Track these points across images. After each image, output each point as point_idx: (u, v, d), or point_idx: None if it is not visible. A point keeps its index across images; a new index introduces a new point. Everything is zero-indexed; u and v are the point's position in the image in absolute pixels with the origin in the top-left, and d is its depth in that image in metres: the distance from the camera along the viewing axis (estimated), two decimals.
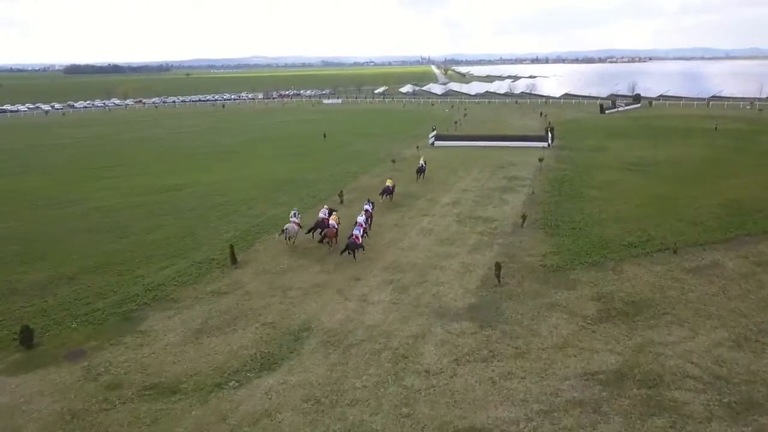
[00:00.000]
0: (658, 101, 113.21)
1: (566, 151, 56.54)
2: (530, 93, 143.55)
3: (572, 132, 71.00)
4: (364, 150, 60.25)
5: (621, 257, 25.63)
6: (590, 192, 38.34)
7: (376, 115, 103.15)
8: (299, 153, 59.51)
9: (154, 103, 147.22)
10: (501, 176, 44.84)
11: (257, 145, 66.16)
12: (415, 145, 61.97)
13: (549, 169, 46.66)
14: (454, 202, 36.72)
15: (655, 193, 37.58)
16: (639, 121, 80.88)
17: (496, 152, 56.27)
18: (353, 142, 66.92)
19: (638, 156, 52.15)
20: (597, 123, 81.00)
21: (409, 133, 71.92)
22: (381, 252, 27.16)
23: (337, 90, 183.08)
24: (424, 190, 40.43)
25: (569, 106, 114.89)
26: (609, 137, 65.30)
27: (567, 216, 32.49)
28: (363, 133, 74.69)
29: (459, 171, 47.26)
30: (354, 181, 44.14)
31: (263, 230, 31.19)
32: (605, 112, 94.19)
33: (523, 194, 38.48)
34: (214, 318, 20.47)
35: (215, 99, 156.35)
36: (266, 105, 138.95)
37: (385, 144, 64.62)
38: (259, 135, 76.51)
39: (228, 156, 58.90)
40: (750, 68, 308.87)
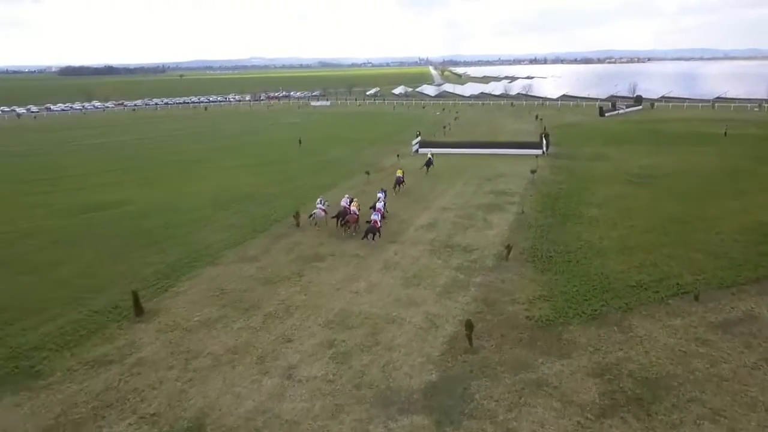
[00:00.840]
0: (660, 103, 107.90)
1: (562, 159, 51.17)
2: (526, 94, 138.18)
3: (569, 137, 65.64)
4: (340, 158, 54.86)
5: (628, 304, 20.26)
6: (589, 211, 32.93)
7: (362, 118, 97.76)
8: (269, 162, 54.09)
9: (135, 106, 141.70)
10: (488, 190, 39.43)
11: (226, 153, 60.69)
12: (398, 152, 56.62)
13: (543, 182, 41.30)
14: (431, 225, 31.29)
15: (666, 212, 32.17)
16: (641, 125, 75.51)
17: (485, 161, 50.98)
18: (330, 148, 61.52)
19: (643, 166, 46.79)
20: (596, 127, 75.65)
21: (394, 139, 66.52)
22: (329, 296, 21.74)
23: (327, 91, 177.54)
24: (399, 208, 35.03)
25: (567, 108, 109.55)
26: (609, 143, 59.95)
27: (561, 243, 27.09)
28: (344, 139, 69.30)
29: (441, 183, 41.85)
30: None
31: (195, 262, 25.74)
32: (605, 115, 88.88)
33: (511, 214, 33.07)
34: (79, 407, 15.03)
35: (198, 101, 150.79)
36: (251, 107, 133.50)
37: (365, 151, 59.27)
38: (232, 141, 71.03)
39: (189, 166, 53.43)
40: (750, 68, 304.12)
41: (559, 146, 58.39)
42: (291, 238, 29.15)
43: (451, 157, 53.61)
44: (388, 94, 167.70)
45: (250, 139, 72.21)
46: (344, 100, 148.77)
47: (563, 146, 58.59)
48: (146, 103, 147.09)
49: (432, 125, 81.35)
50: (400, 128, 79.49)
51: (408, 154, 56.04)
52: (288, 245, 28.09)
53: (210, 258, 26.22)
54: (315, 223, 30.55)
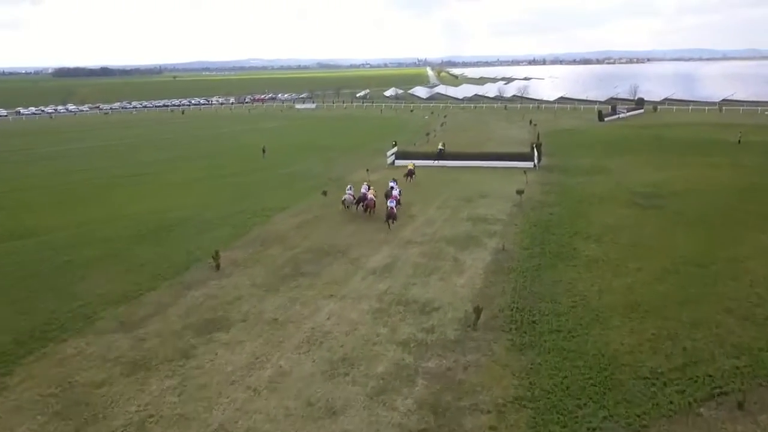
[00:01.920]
0: (663, 106, 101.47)
1: (556, 173, 44.69)
2: (522, 96, 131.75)
3: (565, 146, 59.17)
4: (303, 172, 48.39)
5: (642, 418, 13.75)
6: (586, 248, 26.47)
7: (344, 123, 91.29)
8: (223, 175, 47.62)
9: (111, 109, 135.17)
10: (465, 216, 32.94)
11: (178, 165, 54.20)
12: (372, 164, 50.24)
13: (531, 205, 34.81)
14: (386, 268, 24.79)
15: (680, 250, 25.74)
16: (645, 131, 69.02)
17: (467, 176, 44.55)
18: (298, 159, 55.03)
19: (648, 182, 40.36)
20: (595, 133, 69.15)
21: (371, 147, 60.02)
22: (212, 399, 15.25)
23: (315, 94, 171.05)
24: (355, 240, 28.55)
25: (564, 112, 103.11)
26: (610, 153, 53.49)
27: (549, 299, 20.73)
28: (316, 147, 62.79)
29: (412, 206, 35.31)
30: (262, 225, 32.17)
31: (58, 330, 19.19)
32: (604, 120, 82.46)
33: (488, 251, 26.61)
34: None
35: (179, 104, 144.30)
36: (231, 111, 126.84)
37: (335, 162, 52.81)
38: (192, 150, 64.52)
39: (132, 181, 46.93)
40: (749, 69, 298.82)
41: (553, 157, 51.97)
42: (202, 289, 22.67)
43: (430, 170, 47.21)
44: (379, 96, 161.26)
45: (213, 148, 65.61)
46: (331, 102, 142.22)
47: (558, 157, 52.16)
48: (123, 106, 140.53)
49: (416, 131, 74.92)
50: (382, 134, 72.97)
51: (382, 166, 49.55)
52: (194, 301, 21.59)
53: (81, 323, 19.75)
54: (347, 207, 34.47)
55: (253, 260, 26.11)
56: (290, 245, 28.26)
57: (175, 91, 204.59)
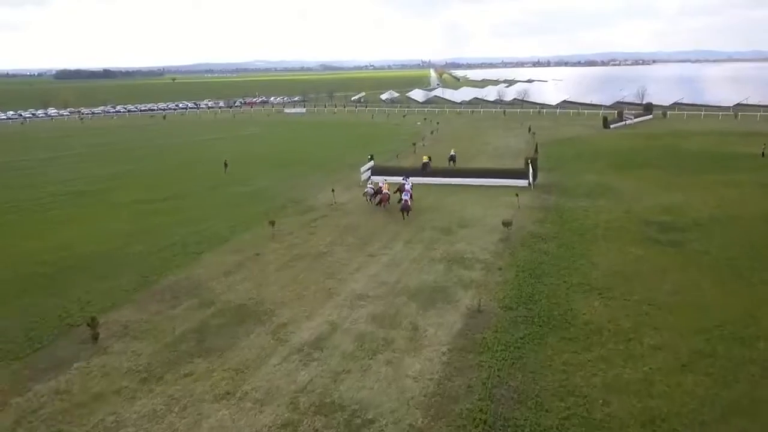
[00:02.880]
0: (673, 111, 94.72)
1: (554, 195, 38.25)
2: (523, 100, 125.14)
3: (566, 159, 52.72)
4: (262, 191, 42.15)
5: None
6: (586, 308, 20.20)
7: (329, 130, 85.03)
8: (172, 196, 41.42)
9: (92, 114, 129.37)
10: (439, 255, 26.58)
11: (129, 181, 48.10)
12: (344, 181, 44.08)
13: (521, 239, 28.46)
14: (320, 339, 18.55)
15: (712, 311, 19.61)
16: (655, 141, 62.43)
17: (451, 197, 38.25)
18: (263, 174, 48.84)
19: (663, 206, 33.94)
20: (600, 143, 62.58)
21: (349, 159, 53.66)
22: None
23: (307, 97, 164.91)
24: (292, 293, 22.29)
25: (566, 117, 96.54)
26: (616, 168, 47.03)
27: (531, 405, 14.70)
28: (287, 159, 56.55)
29: (374, 240, 28.98)
30: (185, 267, 25.91)
31: None
32: (610, 127, 75.90)
33: (460, 312, 20.37)
34: None
35: (162, 109, 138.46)
36: (215, 116, 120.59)
37: (304, 178, 46.56)
38: (152, 163, 58.29)
39: (67, 202, 41.00)
40: (757, 71, 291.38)
41: (552, 173, 45.59)
42: (56, 379, 16.55)
43: None
44: (375, 99, 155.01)
45: (175, 161, 59.25)
46: (323, 106, 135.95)
47: (557, 173, 45.76)
48: (107, 110, 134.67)
49: (405, 140, 68.56)
50: (366, 144, 66.65)
51: (356, 183, 43.20)
52: (32, 404, 15.39)
53: None
54: (369, 199, 36.61)
55: (147, 326, 19.85)
56: (206, 301, 22.00)
57: (170, 93, 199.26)
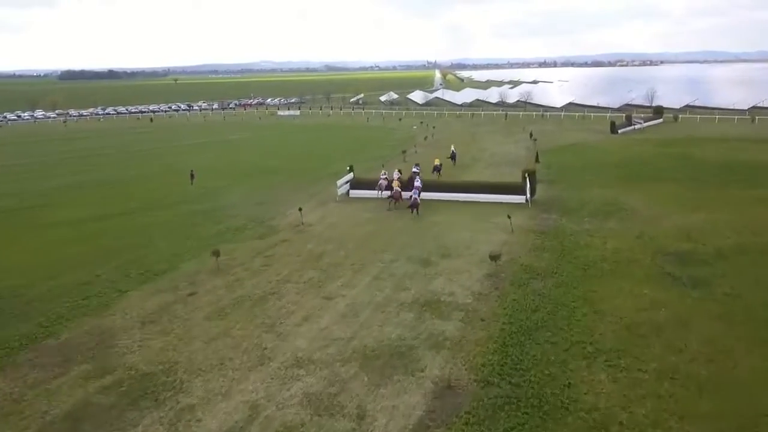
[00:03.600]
0: (685, 114, 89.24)
1: (555, 214, 33.20)
2: (527, 102, 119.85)
3: (570, 169, 47.59)
4: (223, 208, 37.35)
5: None
6: (588, 384, 15.45)
7: (318, 134, 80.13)
8: (112, 215, 36.80)
9: (80, 116, 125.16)
10: (410, 298, 21.70)
11: (71, 196, 43.43)
12: (319, 195, 39.29)
13: (512, 275, 23.61)
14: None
15: (754, 387, 14.37)
16: (668, 148, 57.16)
17: (436, 216, 33.48)
18: (230, 187, 44.04)
19: (683, 231, 28.91)
20: (607, 151, 57.36)
21: (330, 169, 48.80)
22: None
23: (303, 98, 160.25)
24: (206, 358, 17.52)
25: (571, 121, 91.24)
26: (627, 181, 41.91)
27: None
28: (263, 169, 51.71)
29: (336, 275, 24.14)
30: (91, 318, 21.16)
31: None
32: (618, 132, 70.59)
33: (423, 389, 15.64)
34: None
35: (150, 111, 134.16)
36: (204, 119, 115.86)
37: (273, 192, 41.74)
38: (114, 173, 53.53)
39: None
40: (766, 72, 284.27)
41: (553, 186, 40.58)
42: None
43: (386, 207, 36.11)
44: (374, 101, 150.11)
45: (141, 170, 54.30)
46: (319, 109, 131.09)
47: (559, 186, 40.70)
48: (96, 113, 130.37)
49: (397, 145, 63.73)
50: (354, 151, 61.99)
51: (332, 198, 38.32)
52: None
53: None
54: (380, 193, 37.77)
55: (10, 407, 15.02)
56: (104, 366, 17.26)
57: (169, 94, 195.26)
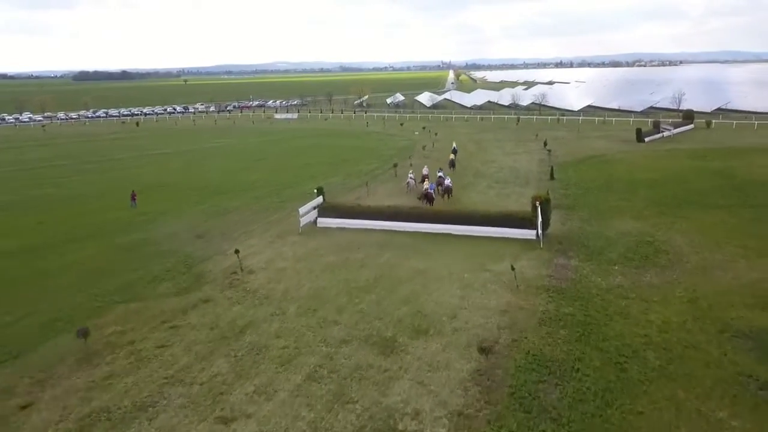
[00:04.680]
0: (717, 119, 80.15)
1: (574, 258, 25.17)
2: (541, 104, 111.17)
3: (591, 189, 39.33)
4: (153, 243, 29.77)
5: None
6: None
7: (307, 142, 72.35)
8: (11, 251, 29.20)
9: (67, 119, 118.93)
10: (351, 425, 13.61)
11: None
12: (281, 224, 31.55)
13: (510, 384, 15.90)
14: None
15: None
16: (707, 162, 48.59)
17: (413, 259, 25.69)
18: (177, 211, 36.45)
19: (753, 288, 20.71)
20: (635, 164, 48.91)
21: (305, 186, 41.18)
22: None
23: (305, 100, 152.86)
24: None
25: (590, 126, 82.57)
26: (663, 207, 33.70)
27: None
28: (227, 187, 44.14)
29: (256, 369, 16.51)
30: None
31: None
32: (645, 140, 62.00)
33: None
34: None
35: (142, 114, 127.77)
36: (194, 122, 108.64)
37: (224, 220, 34.01)
38: (45, 191, 46.15)
39: None
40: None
41: (571, 214, 32.44)
42: None
43: (366, 235, 28.34)
44: (381, 103, 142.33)
45: (85, 187, 46.69)
46: (319, 111, 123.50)
47: (579, 214, 32.52)
48: (85, 115, 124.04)
49: (392, 156, 56.05)
50: (342, 162, 54.50)
51: (293, 231, 30.50)
52: None
53: None
54: (410, 189, 38.21)
55: None
56: None
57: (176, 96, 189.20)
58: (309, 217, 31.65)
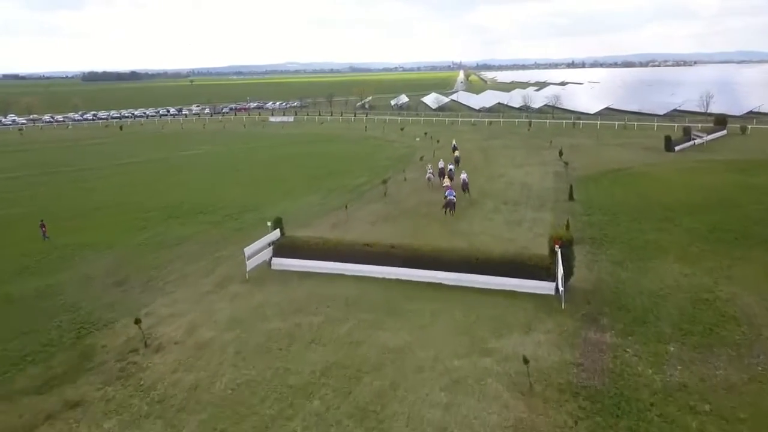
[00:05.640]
0: (752, 123, 72.25)
1: (607, 334, 17.83)
2: (555, 106, 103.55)
3: (620, 215, 32.05)
4: (50, 298, 23.05)
5: None
6: None
7: (295, 150, 65.51)
8: None
9: (52, 121, 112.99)
10: None
11: None
12: (225, 263, 24.61)
13: None
14: None
15: None
16: (754, 177, 41.15)
17: (384, 328, 18.89)
18: (104, 245, 29.60)
19: None
20: (668, 181, 41.52)
21: (276, 209, 33.94)
22: None
23: (304, 102, 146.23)
24: None
25: (610, 131, 75.00)
26: (714, 243, 26.57)
27: None
28: (184, 209, 37.35)
29: None
30: None
31: None
32: (675, 149, 54.44)
33: None
34: None
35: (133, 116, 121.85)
36: (182, 126, 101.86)
37: (162, 256, 27.46)
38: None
39: None
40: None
41: (598, 252, 25.46)
42: None
43: (333, 285, 21.34)
44: (385, 104, 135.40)
45: (14, 208, 40.13)
46: (317, 114, 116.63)
47: (607, 254, 25.43)
48: (72, 118, 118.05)
49: (387, 167, 49.02)
50: (327, 175, 47.68)
51: (236, 278, 23.48)
52: None
53: None
54: (431, 184, 38.99)
55: None
56: None
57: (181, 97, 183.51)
58: (257, 260, 24.66)
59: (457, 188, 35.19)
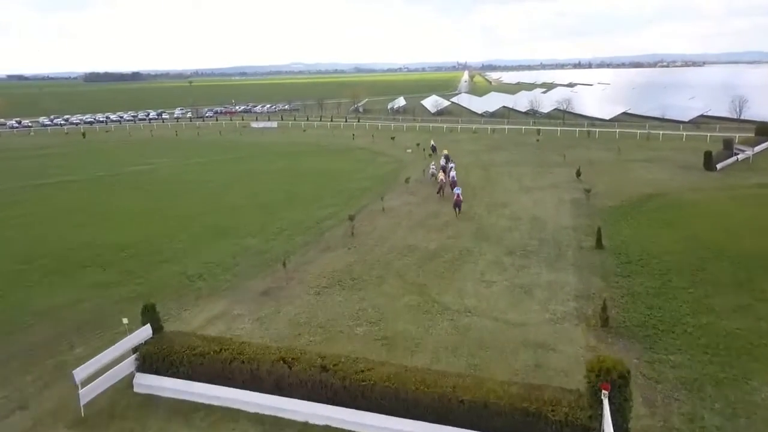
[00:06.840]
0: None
1: None
2: (565, 111, 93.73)
3: (670, 277, 22.52)
4: None
5: None
6: None
7: (264, 165, 56.06)
8: None
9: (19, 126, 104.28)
10: None
11: None
12: (91, 344, 14.98)
13: None
14: None
15: None
16: None
17: None
18: None
19: None
20: (723, 216, 31.89)
21: (193, 258, 24.43)
22: None
23: (293, 104, 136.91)
24: None
25: (631, 141, 65.19)
26: None
27: None
28: (78, 258, 27.59)
29: None
30: None
31: None
32: (717, 168, 44.68)
33: None
34: None
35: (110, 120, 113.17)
36: (151, 133, 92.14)
37: (3, 332, 17.39)
38: None
39: None
40: None
41: (653, 357, 16.05)
42: None
43: (222, 428, 11.95)
44: (381, 107, 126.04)
45: None
46: (305, 118, 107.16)
47: (670, 363, 16.10)
48: (41, 122, 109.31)
49: (365, 190, 39.62)
50: (289, 202, 38.48)
51: (68, 413, 13.87)
52: None
53: None
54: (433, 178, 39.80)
55: None
56: None
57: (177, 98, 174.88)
58: (115, 375, 15.27)
59: None
